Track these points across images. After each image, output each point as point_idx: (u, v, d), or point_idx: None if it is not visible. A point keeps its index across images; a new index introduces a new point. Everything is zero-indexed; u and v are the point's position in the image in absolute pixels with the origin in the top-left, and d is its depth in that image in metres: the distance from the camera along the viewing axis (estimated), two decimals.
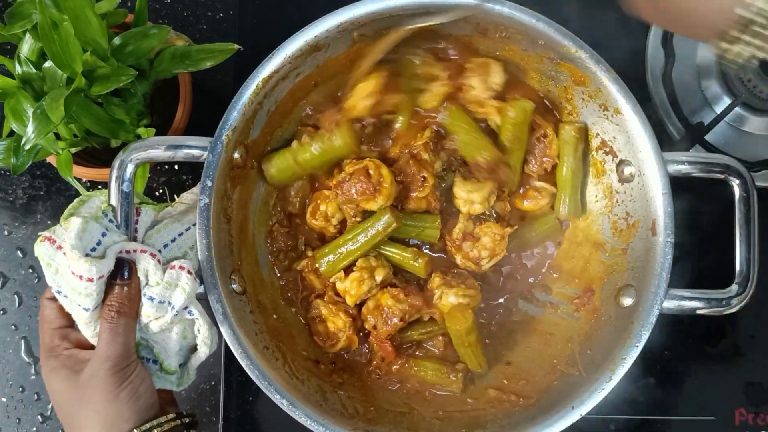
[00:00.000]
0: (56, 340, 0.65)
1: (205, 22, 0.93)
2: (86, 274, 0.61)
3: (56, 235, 0.63)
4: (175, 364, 0.70)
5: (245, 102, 0.71)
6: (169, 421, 0.65)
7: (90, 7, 0.64)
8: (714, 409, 0.87)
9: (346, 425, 0.71)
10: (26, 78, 0.67)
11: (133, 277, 0.66)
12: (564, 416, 0.69)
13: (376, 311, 0.77)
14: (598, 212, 0.81)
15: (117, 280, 0.65)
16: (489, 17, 0.72)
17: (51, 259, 0.63)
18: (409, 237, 0.82)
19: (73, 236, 0.62)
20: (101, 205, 0.68)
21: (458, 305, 0.76)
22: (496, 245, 0.79)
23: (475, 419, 0.76)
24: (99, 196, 0.69)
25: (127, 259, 0.66)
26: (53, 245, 0.63)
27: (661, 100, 0.90)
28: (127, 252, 0.66)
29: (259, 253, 0.81)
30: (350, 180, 0.75)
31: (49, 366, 0.64)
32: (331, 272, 0.78)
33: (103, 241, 0.65)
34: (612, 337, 0.73)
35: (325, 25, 0.72)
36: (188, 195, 0.76)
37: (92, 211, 0.67)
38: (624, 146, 0.75)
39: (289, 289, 0.82)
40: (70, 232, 0.62)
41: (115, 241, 0.65)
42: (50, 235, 0.63)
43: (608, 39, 0.91)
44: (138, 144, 0.70)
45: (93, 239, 0.64)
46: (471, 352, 0.77)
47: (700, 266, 0.88)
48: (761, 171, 0.88)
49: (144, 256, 0.66)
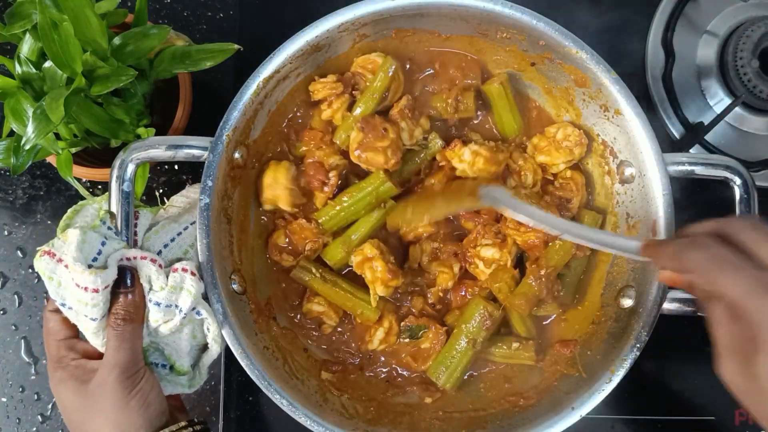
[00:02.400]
0: (63, 351, 0.65)
1: (205, 22, 0.92)
2: (91, 285, 0.62)
3: (55, 248, 0.63)
4: (187, 364, 0.70)
5: (246, 102, 0.71)
6: (181, 429, 0.65)
7: (90, 7, 0.63)
8: (714, 409, 0.87)
9: (346, 425, 0.71)
10: (26, 78, 0.67)
11: (137, 284, 0.66)
12: (564, 417, 0.69)
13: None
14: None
15: (121, 288, 0.65)
16: (490, 18, 0.72)
17: (52, 272, 0.63)
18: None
19: (74, 248, 0.62)
20: (97, 213, 0.68)
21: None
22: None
23: (475, 419, 0.76)
24: (93, 204, 0.69)
25: (129, 267, 0.66)
26: (53, 259, 0.63)
27: (661, 100, 0.90)
28: (128, 259, 0.66)
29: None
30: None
31: (57, 377, 0.64)
32: (332, 226, 0.78)
33: (103, 250, 0.65)
34: (612, 338, 0.73)
35: (326, 25, 0.72)
36: (179, 198, 0.76)
37: (88, 219, 0.67)
38: (624, 147, 0.75)
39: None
40: (69, 244, 0.62)
41: (115, 248, 0.65)
42: (49, 249, 0.63)
43: (608, 39, 0.91)
44: (138, 144, 0.70)
45: (93, 249, 0.64)
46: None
47: None
48: (761, 171, 0.88)
49: (145, 262, 0.66)
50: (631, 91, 0.72)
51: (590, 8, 0.92)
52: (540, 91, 0.82)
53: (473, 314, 0.76)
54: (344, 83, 0.78)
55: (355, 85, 0.79)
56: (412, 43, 0.80)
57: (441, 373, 0.77)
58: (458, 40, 0.79)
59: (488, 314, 0.76)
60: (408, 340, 0.80)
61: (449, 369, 0.76)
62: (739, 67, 0.86)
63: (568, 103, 0.80)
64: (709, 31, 0.91)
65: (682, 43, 0.90)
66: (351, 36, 0.75)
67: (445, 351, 0.77)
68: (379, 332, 0.78)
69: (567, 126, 0.79)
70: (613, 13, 0.93)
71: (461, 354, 0.76)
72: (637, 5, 0.93)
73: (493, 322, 0.76)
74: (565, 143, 0.78)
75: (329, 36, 0.73)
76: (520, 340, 0.79)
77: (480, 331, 0.76)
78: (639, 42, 0.92)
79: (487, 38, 0.78)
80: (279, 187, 0.77)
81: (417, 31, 0.78)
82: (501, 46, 0.78)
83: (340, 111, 0.78)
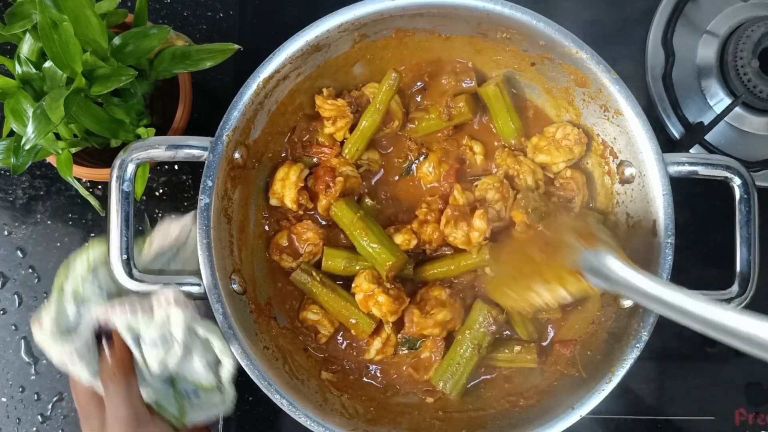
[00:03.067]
0: (85, 404, 0.66)
1: (205, 22, 0.92)
2: (58, 358, 0.63)
3: (41, 319, 0.65)
4: (212, 379, 0.70)
5: (246, 102, 0.71)
6: None
7: (90, 7, 0.63)
8: (714, 409, 0.87)
9: (346, 426, 0.71)
10: (26, 78, 0.67)
11: (115, 339, 0.66)
12: (564, 417, 0.69)
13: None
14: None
15: (103, 348, 0.65)
16: (490, 18, 0.72)
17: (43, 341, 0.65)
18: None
19: (49, 321, 0.64)
20: (84, 270, 0.67)
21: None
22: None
23: (475, 419, 0.76)
24: (82, 256, 0.68)
25: (105, 328, 0.66)
26: (41, 329, 0.64)
27: (661, 100, 0.90)
28: (102, 322, 0.66)
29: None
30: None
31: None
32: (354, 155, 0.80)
33: (80, 315, 0.65)
34: (612, 338, 0.73)
35: (326, 26, 0.72)
36: (157, 240, 0.73)
37: (78, 279, 0.67)
38: (624, 147, 0.75)
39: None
40: (46, 316, 0.64)
41: (90, 312, 0.66)
42: (39, 320, 0.65)
43: (608, 39, 0.91)
44: (138, 144, 0.70)
45: (70, 316, 0.65)
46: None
47: (700, 267, 0.88)
48: (761, 171, 0.88)
49: (119, 314, 0.65)
50: (631, 91, 0.72)
51: (590, 8, 0.92)
52: (540, 91, 0.82)
53: (476, 319, 0.76)
54: (351, 105, 0.79)
55: (359, 107, 0.80)
56: (411, 43, 0.80)
57: (447, 380, 0.76)
58: (458, 40, 0.79)
59: (492, 318, 0.76)
60: (407, 351, 0.80)
61: (455, 376, 0.76)
62: (739, 67, 0.86)
63: (568, 103, 0.80)
64: (709, 31, 0.91)
65: (682, 43, 0.90)
66: (351, 36, 0.75)
67: (449, 358, 0.77)
68: (377, 342, 0.78)
69: (566, 125, 0.79)
70: (613, 13, 0.93)
71: (466, 360, 0.76)
72: (637, 5, 0.93)
73: (497, 326, 0.76)
74: (564, 142, 0.79)
75: (329, 36, 0.73)
76: (522, 343, 0.79)
77: (485, 336, 0.76)
78: (639, 42, 0.92)
79: (487, 38, 0.78)
80: (289, 182, 0.77)
81: (417, 31, 0.78)
82: (501, 46, 0.78)
83: (343, 130, 0.80)
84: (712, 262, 0.88)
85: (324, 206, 0.78)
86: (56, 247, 0.89)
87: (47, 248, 0.89)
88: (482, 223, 0.75)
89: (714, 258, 0.88)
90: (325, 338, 0.80)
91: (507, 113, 0.81)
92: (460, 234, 0.76)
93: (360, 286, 0.76)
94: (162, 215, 0.90)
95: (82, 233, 0.89)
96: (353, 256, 0.78)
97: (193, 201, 0.89)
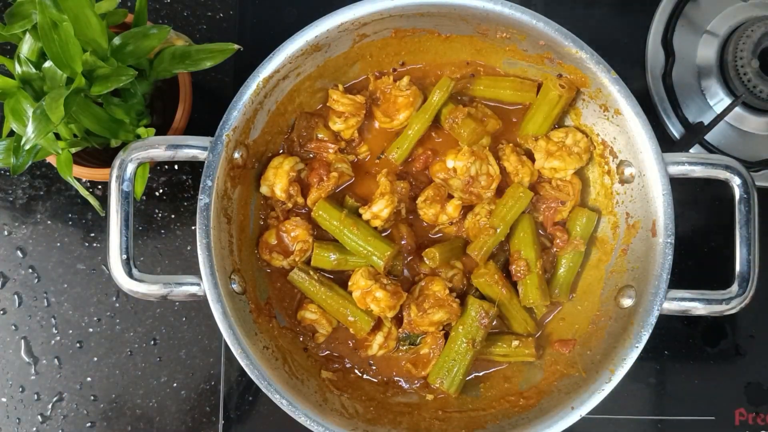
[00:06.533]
0: None
1: (205, 22, 0.93)
2: None
3: None
4: None
5: (246, 102, 0.71)
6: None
7: (90, 7, 0.63)
8: (714, 409, 0.87)
9: (345, 425, 0.71)
10: (26, 78, 0.67)
11: None
12: (564, 417, 0.69)
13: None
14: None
15: None
16: (490, 18, 0.72)
17: None
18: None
19: None
20: None
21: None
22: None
23: (475, 419, 0.76)
24: None
25: None
26: None
27: (661, 99, 0.90)
28: None
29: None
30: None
31: None
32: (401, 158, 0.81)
33: None
34: (612, 338, 0.73)
35: (326, 25, 0.72)
36: None
37: None
38: (624, 147, 0.75)
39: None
40: None
41: None
42: None
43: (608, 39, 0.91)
44: (138, 144, 0.70)
45: None
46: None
47: (700, 267, 0.88)
48: (761, 171, 0.88)
49: None
50: (631, 91, 0.72)
51: (590, 8, 0.92)
52: None
53: (469, 314, 0.76)
54: (367, 101, 0.80)
55: (375, 101, 0.81)
56: (411, 43, 0.80)
57: (444, 377, 0.76)
58: (458, 40, 0.79)
59: (484, 312, 0.76)
60: (407, 347, 0.80)
61: (451, 372, 0.76)
62: (739, 67, 0.86)
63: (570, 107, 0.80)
64: (709, 31, 0.91)
65: (682, 43, 0.90)
66: (351, 36, 0.75)
67: (445, 355, 0.77)
68: (379, 337, 0.78)
69: (575, 132, 0.79)
70: (613, 13, 0.93)
71: (461, 356, 0.76)
72: (637, 5, 0.93)
73: (489, 320, 0.76)
74: (575, 149, 0.79)
75: (329, 36, 0.73)
76: (519, 337, 0.79)
77: (478, 330, 0.76)
78: (639, 42, 0.92)
79: (487, 38, 0.78)
80: (282, 170, 0.78)
81: (416, 31, 0.78)
82: (501, 46, 0.78)
83: (352, 129, 0.80)
84: (712, 261, 0.88)
85: (313, 198, 0.78)
86: (56, 247, 0.89)
87: (47, 248, 0.89)
88: (455, 211, 0.79)
89: (714, 258, 0.88)
90: (323, 338, 0.80)
91: (547, 114, 0.79)
92: (431, 213, 0.79)
93: (357, 284, 0.76)
94: (162, 215, 0.90)
95: (82, 233, 0.89)
96: (346, 249, 0.78)
97: (193, 201, 0.89)
